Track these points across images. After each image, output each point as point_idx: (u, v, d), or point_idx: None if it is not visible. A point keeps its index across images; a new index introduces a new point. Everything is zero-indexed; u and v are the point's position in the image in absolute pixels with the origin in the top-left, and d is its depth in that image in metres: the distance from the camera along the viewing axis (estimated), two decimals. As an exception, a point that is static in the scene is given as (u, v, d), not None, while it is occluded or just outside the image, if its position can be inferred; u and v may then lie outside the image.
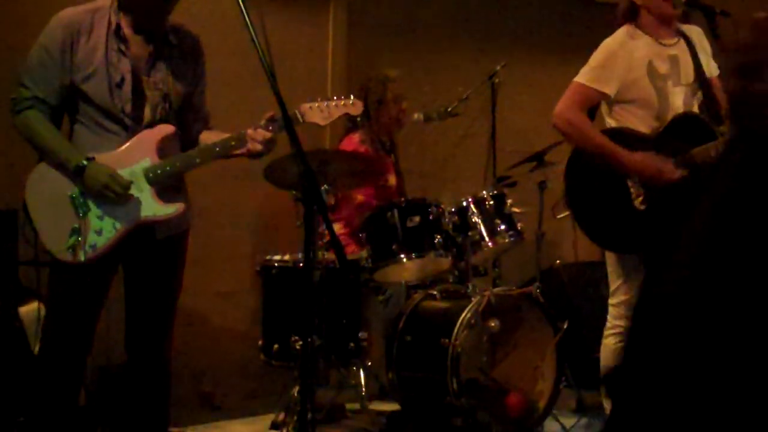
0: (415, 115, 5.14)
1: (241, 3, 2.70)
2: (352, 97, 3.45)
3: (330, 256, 4.64)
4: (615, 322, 3.92)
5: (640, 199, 3.74)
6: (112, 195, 3.11)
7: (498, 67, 5.30)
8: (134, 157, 3.18)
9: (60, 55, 3.13)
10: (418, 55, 5.98)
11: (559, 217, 5.11)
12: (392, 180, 5.20)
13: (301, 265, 4.42)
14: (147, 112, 3.22)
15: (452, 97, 5.30)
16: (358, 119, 5.09)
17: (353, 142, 5.10)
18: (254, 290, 4.84)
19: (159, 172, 3.19)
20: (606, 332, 3.95)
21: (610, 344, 3.92)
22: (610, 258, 3.93)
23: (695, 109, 3.87)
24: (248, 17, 2.69)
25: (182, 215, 3.29)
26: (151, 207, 3.19)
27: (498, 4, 6.25)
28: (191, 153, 3.26)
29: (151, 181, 3.19)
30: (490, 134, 5.38)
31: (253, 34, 2.66)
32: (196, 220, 5.17)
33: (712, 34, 3.65)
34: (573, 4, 6.40)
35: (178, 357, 5.09)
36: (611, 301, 3.93)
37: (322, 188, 4.31)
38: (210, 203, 5.31)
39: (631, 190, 3.75)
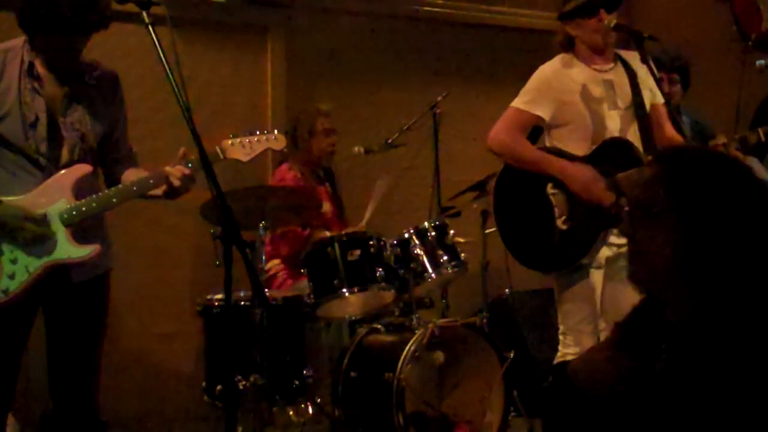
0: (356, 148, 5.12)
1: (155, 37, 2.65)
2: (275, 131, 3.41)
3: (272, 293, 4.59)
4: (565, 350, 3.86)
5: (563, 218, 3.74)
6: (29, 233, 3.04)
7: (439, 98, 5.29)
8: (49, 199, 3.10)
9: None
10: (358, 87, 5.97)
11: (487, 232, 5.11)
12: (325, 208, 5.13)
13: (242, 303, 4.35)
14: (64, 153, 3.16)
15: (394, 129, 5.29)
16: (285, 150, 5.06)
17: (282, 171, 5.08)
18: (197, 330, 4.76)
19: (74, 213, 3.11)
20: (556, 362, 3.90)
21: None
22: (554, 283, 3.92)
23: (635, 133, 3.87)
24: (163, 52, 2.64)
25: (100, 257, 3.20)
26: (66, 249, 3.11)
27: (437, 36, 6.26)
28: (108, 193, 3.18)
29: (66, 223, 3.10)
30: (434, 165, 5.36)
31: (167, 69, 2.61)
32: (136, 261, 5.16)
33: (641, 60, 3.68)
34: (511, 33, 6.43)
35: (123, 400, 5.04)
36: (560, 328, 3.90)
37: (261, 225, 4.28)
38: (149, 243, 5.25)
39: (555, 209, 3.76)
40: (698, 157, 1.91)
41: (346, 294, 4.35)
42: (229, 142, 3.32)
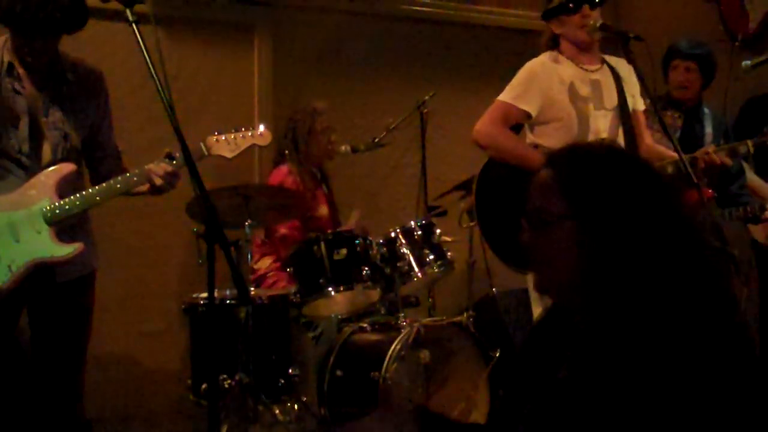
0: (343, 147, 5.12)
1: (138, 36, 2.65)
2: (261, 127, 3.40)
3: (258, 291, 4.58)
4: None
5: None
6: None
7: (426, 97, 5.30)
8: (32, 198, 3.11)
9: None
10: (346, 86, 5.96)
11: (464, 226, 5.11)
12: (323, 211, 5.15)
13: (227, 302, 4.35)
14: (47, 152, 3.16)
15: (381, 128, 5.30)
16: (286, 152, 5.06)
17: (281, 174, 5.05)
18: (183, 329, 4.75)
19: (58, 212, 3.11)
20: None
21: None
22: (530, 282, 3.90)
23: (620, 135, 3.87)
24: (146, 51, 2.64)
25: (84, 257, 3.20)
26: (49, 248, 3.11)
27: (424, 34, 6.26)
28: (91, 191, 3.19)
29: (49, 221, 3.11)
30: (421, 164, 5.36)
31: (151, 68, 2.61)
32: (122, 259, 5.15)
33: (627, 59, 3.69)
34: (498, 33, 6.44)
35: (108, 398, 5.03)
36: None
37: (246, 223, 4.28)
38: (136, 242, 5.23)
39: None
40: (590, 155, 1.82)
41: (332, 293, 4.34)
42: (214, 139, 3.32)
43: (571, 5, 3.78)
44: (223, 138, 3.32)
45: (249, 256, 4.34)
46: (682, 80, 4.77)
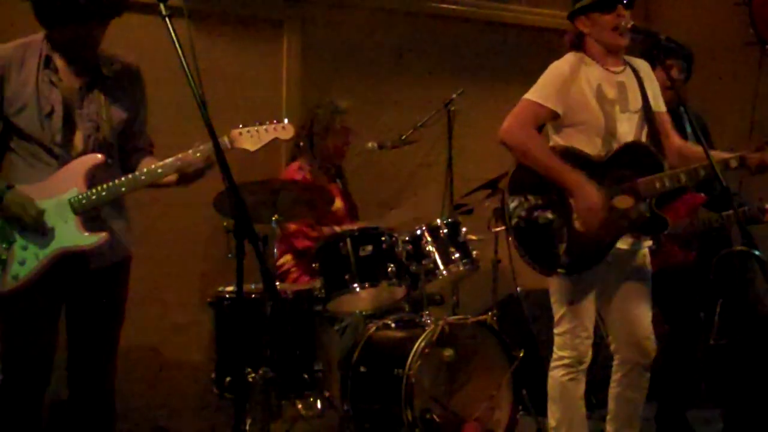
0: (369, 144, 5.12)
1: (171, 30, 2.67)
2: (285, 121, 3.40)
3: (283, 286, 4.60)
4: (560, 353, 3.81)
5: (582, 220, 3.67)
6: (28, 222, 3.11)
7: (454, 95, 5.29)
8: (61, 187, 3.17)
9: None
10: (374, 82, 5.97)
11: (494, 230, 5.09)
12: (337, 205, 5.13)
13: (253, 296, 4.37)
14: (78, 143, 3.23)
15: (408, 125, 5.30)
16: (300, 145, 5.06)
17: (291, 170, 5.07)
18: (208, 322, 4.77)
19: (84, 201, 3.17)
20: (552, 363, 3.87)
21: (556, 377, 3.83)
22: (553, 285, 3.85)
23: (644, 137, 3.83)
24: (179, 45, 2.66)
25: (113, 245, 3.26)
26: (74, 237, 3.17)
27: (453, 32, 6.25)
28: (117, 182, 3.23)
29: (76, 211, 3.17)
30: (447, 162, 5.36)
31: (183, 62, 2.63)
32: (149, 251, 5.15)
33: (658, 62, 3.65)
34: (527, 31, 6.42)
35: (133, 391, 5.06)
36: (556, 330, 3.85)
37: (273, 218, 4.29)
38: (163, 234, 5.26)
39: (574, 209, 3.68)
40: None
41: (357, 289, 4.36)
42: (238, 132, 3.34)
43: (605, 4, 3.71)
44: (246, 131, 3.33)
45: (275, 252, 4.36)
46: (677, 79, 4.66)
